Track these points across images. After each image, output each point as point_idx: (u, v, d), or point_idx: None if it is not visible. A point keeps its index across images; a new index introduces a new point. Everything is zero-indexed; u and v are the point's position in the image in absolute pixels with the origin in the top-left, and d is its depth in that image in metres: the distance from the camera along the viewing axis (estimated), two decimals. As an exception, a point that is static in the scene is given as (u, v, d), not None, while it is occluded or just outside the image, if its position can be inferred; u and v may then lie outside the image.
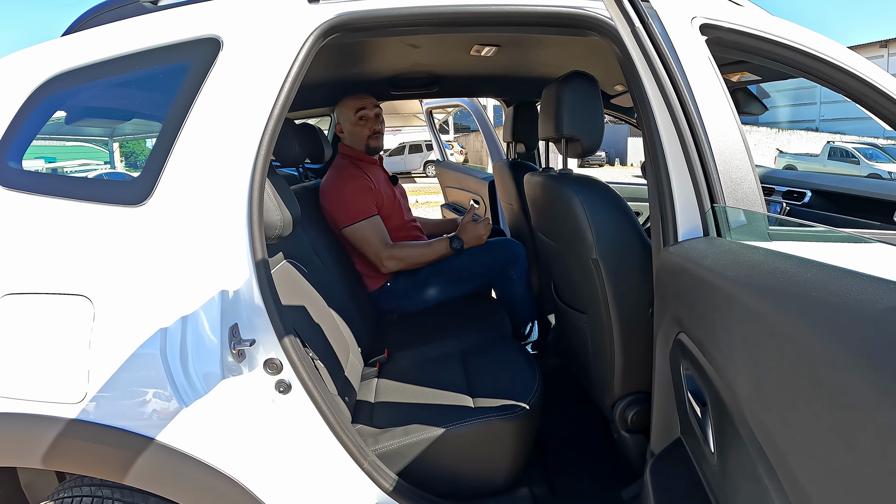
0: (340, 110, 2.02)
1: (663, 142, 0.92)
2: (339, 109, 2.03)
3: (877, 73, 1.03)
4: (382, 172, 2.09)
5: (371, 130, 1.99)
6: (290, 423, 0.96)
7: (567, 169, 1.36)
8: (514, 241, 2.05)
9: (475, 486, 1.17)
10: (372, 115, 1.98)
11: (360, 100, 2.00)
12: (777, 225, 1.39)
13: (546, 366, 1.88)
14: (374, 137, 2.00)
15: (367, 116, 1.97)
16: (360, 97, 2.00)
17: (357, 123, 1.97)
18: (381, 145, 2.04)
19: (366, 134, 1.98)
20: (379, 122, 2.01)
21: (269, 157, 0.96)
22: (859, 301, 0.45)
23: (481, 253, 1.96)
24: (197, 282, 0.91)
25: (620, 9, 0.84)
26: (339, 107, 2.03)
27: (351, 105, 1.99)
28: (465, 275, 1.94)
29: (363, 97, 2.00)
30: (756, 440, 0.58)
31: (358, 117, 1.96)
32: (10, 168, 0.95)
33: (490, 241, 2.02)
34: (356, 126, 1.97)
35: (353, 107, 1.98)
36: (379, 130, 2.02)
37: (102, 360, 0.91)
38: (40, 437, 0.92)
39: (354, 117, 1.96)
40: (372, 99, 2.02)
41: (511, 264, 1.98)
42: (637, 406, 1.21)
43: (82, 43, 0.98)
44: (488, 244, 2.00)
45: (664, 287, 0.95)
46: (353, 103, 1.99)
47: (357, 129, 1.97)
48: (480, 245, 1.97)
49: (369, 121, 1.98)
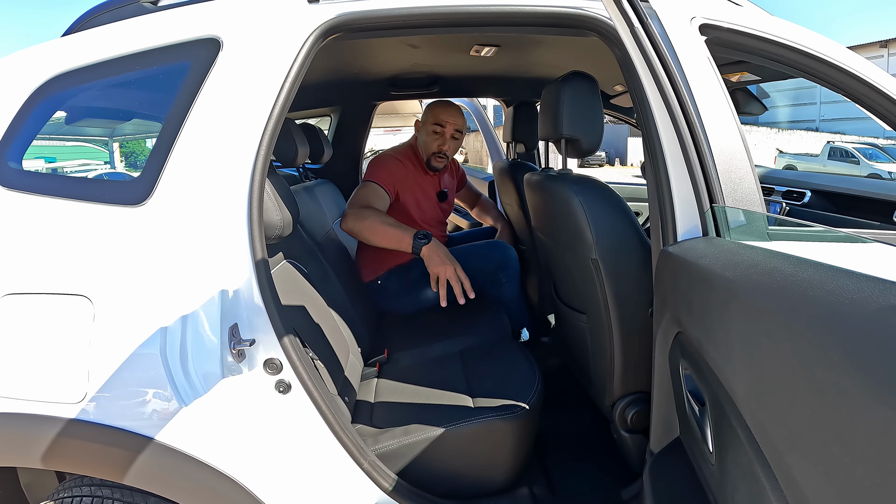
0: (426, 110, 1.97)
1: (663, 142, 0.93)
2: (426, 109, 1.98)
3: (877, 73, 1.03)
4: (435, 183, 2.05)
5: (438, 147, 1.93)
6: (289, 423, 0.97)
7: (567, 169, 1.36)
8: (504, 245, 2.00)
9: (475, 486, 1.17)
10: (447, 133, 1.92)
11: (446, 112, 1.93)
12: (776, 225, 1.40)
13: (546, 366, 1.88)
14: (438, 157, 1.95)
15: (441, 133, 1.92)
16: (449, 109, 1.94)
17: (430, 133, 1.92)
18: (443, 167, 1.99)
19: (432, 148, 1.93)
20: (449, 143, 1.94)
21: (269, 157, 0.96)
22: (855, 300, 0.45)
23: (472, 257, 1.91)
24: (197, 282, 0.92)
25: (619, 9, 0.84)
26: (427, 106, 1.98)
27: (435, 113, 1.93)
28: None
29: (452, 111, 1.93)
30: (754, 439, 0.58)
31: (433, 129, 1.92)
32: (10, 168, 0.95)
33: (480, 243, 1.99)
34: (429, 135, 1.93)
35: (435, 116, 1.92)
36: (445, 152, 1.94)
37: (102, 360, 0.91)
38: (40, 437, 0.92)
39: (431, 125, 1.92)
40: (459, 119, 1.94)
41: (502, 268, 1.93)
42: (637, 406, 1.21)
43: (82, 43, 0.98)
44: (479, 247, 1.96)
45: (663, 287, 0.95)
46: (437, 112, 1.93)
47: (429, 139, 1.93)
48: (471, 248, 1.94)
49: (441, 136, 1.92)
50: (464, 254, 1.92)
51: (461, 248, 1.97)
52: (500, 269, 1.93)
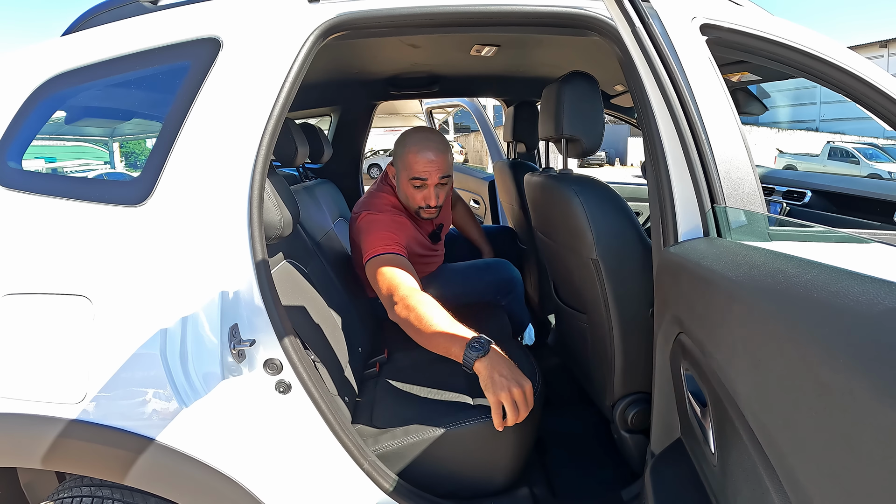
0: (398, 153, 1.54)
1: (663, 142, 0.92)
2: (397, 149, 1.55)
3: (877, 73, 1.02)
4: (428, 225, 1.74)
5: (424, 202, 1.53)
6: (290, 424, 0.96)
7: (567, 169, 1.36)
8: (508, 266, 1.94)
9: (475, 487, 1.17)
10: (431, 183, 1.50)
11: (424, 161, 1.47)
12: (777, 225, 1.39)
13: (546, 366, 1.88)
14: (427, 210, 1.56)
15: (423, 185, 1.51)
16: (428, 154, 1.47)
17: (410, 188, 1.53)
18: (433, 216, 1.61)
19: (417, 203, 1.55)
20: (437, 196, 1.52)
21: (269, 157, 0.96)
22: (860, 302, 0.45)
23: (474, 280, 1.85)
24: (197, 282, 0.91)
25: (620, 9, 0.84)
26: (398, 144, 1.54)
27: (410, 164, 1.48)
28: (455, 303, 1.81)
29: (431, 154, 1.47)
30: (757, 441, 0.58)
31: (412, 184, 1.51)
32: (10, 168, 0.95)
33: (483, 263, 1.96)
34: (410, 189, 1.53)
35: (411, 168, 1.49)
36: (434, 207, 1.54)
37: (102, 360, 0.91)
38: (40, 437, 0.92)
39: (408, 180, 1.51)
40: (442, 163, 1.49)
41: (504, 294, 1.86)
42: (637, 406, 1.21)
43: (82, 43, 0.98)
44: (482, 269, 1.91)
45: (664, 287, 0.95)
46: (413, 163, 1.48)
47: (410, 193, 1.54)
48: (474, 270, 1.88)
49: (423, 189, 1.52)
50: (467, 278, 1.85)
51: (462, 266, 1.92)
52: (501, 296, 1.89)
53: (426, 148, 1.48)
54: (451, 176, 1.56)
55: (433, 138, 1.51)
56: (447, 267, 1.90)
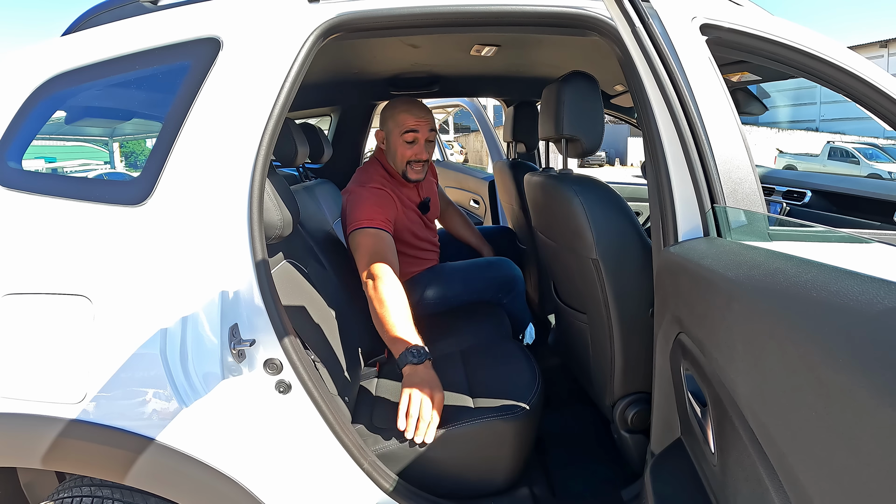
0: (387, 116, 1.67)
1: (663, 142, 0.92)
2: (385, 114, 1.68)
3: (877, 73, 1.02)
4: (415, 195, 1.81)
5: (414, 156, 1.65)
6: (290, 424, 0.96)
7: (567, 169, 1.36)
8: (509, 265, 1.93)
9: (475, 487, 1.17)
10: (422, 139, 1.64)
11: (415, 115, 1.62)
12: (777, 225, 1.39)
13: (546, 366, 1.88)
14: (415, 166, 1.67)
15: (415, 140, 1.64)
16: (416, 109, 1.63)
17: (402, 144, 1.64)
18: (421, 177, 1.72)
19: (407, 158, 1.65)
20: (426, 148, 1.66)
21: (269, 157, 0.96)
22: (860, 302, 0.45)
23: (475, 278, 1.86)
24: (197, 282, 0.91)
25: (620, 9, 0.84)
26: (386, 109, 1.67)
27: (402, 118, 1.63)
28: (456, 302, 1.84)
29: (419, 110, 1.64)
30: (757, 441, 0.58)
31: (404, 139, 1.63)
32: (10, 168, 0.95)
33: (484, 261, 1.96)
34: (401, 146, 1.64)
35: (403, 122, 1.63)
36: (424, 160, 1.67)
37: (102, 360, 0.91)
38: (40, 437, 0.92)
39: (401, 135, 1.63)
40: (429, 117, 1.66)
41: (505, 293, 1.87)
42: (637, 406, 1.21)
43: (82, 43, 0.98)
44: (483, 268, 1.91)
45: (664, 287, 0.95)
46: (404, 118, 1.63)
47: (401, 150, 1.65)
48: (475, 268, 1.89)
49: (415, 144, 1.65)
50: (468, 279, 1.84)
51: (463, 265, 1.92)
52: (503, 294, 1.89)
53: (414, 106, 1.66)
54: (437, 131, 1.75)
55: (417, 101, 1.70)
56: (448, 265, 1.90)
